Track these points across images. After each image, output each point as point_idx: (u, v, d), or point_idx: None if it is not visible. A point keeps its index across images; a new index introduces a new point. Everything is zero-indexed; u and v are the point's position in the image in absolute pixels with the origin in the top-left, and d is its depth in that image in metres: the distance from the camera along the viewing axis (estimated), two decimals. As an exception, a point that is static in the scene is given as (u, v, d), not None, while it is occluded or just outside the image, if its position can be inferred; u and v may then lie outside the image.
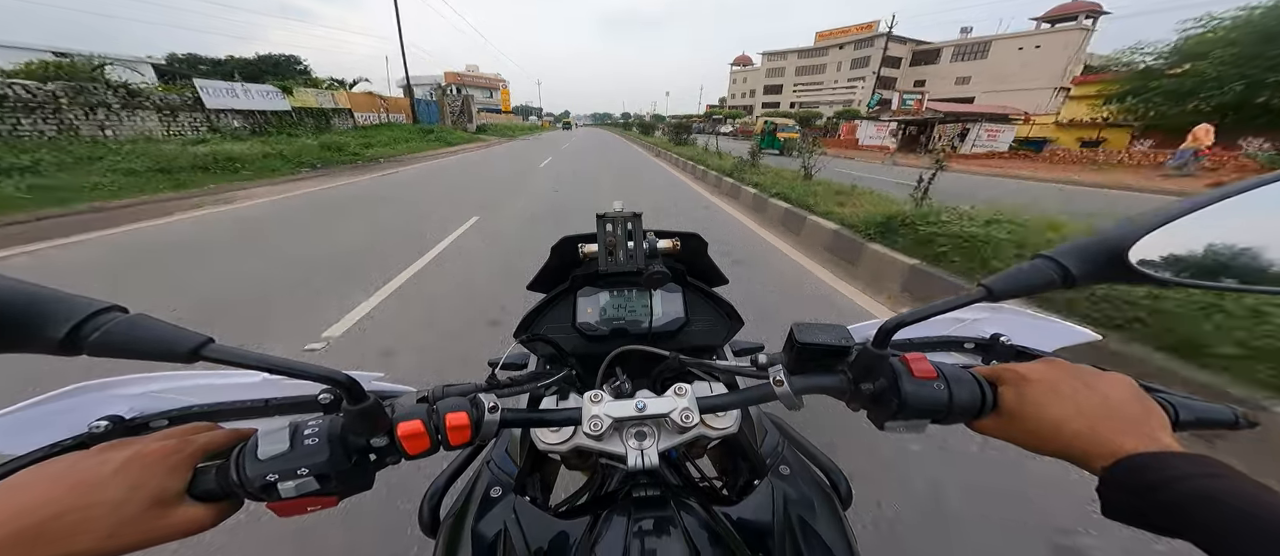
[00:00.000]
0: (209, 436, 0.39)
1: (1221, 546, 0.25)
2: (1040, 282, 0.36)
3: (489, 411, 0.41)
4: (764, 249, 4.98)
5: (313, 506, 0.38)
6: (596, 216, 0.70)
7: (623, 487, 0.56)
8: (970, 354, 0.60)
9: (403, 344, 2.74)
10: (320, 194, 8.35)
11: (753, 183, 7.71)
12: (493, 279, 3.87)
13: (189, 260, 4.32)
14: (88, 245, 4.82)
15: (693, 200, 8.19)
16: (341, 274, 3.90)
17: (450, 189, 9.19)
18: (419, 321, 3.04)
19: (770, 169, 8.96)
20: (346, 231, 5.47)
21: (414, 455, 0.39)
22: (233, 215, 6.45)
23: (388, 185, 9.69)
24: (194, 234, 5.40)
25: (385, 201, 7.68)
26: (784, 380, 0.43)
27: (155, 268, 4.12)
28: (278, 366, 0.33)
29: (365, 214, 6.55)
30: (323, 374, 0.35)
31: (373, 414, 0.37)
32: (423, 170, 12.90)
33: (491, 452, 0.68)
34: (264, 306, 3.26)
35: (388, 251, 4.58)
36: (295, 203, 7.45)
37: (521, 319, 0.81)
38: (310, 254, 4.54)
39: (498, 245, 5.01)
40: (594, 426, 0.44)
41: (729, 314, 0.84)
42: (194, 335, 0.31)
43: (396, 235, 5.31)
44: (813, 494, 0.58)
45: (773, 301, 3.43)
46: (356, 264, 4.19)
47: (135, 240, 5.07)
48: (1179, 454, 0.30)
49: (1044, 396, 0.37)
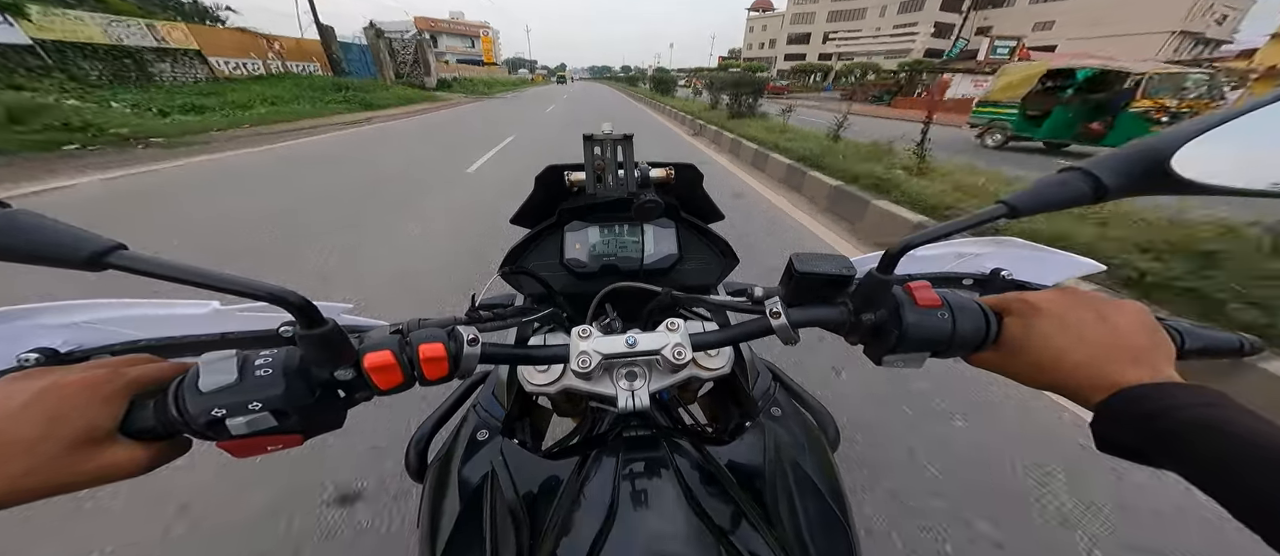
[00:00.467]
0: (146, 368, 0.34)
1: (1218, 476, 0.25)
2: (1068, 196, 0.33)
3: (468, 344, 0.38)
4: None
5: (273, 445, 0.34)
6: (583, 138, 0.63)
7: (613, 430, 0.55)
8: (969, 290, 0.58)
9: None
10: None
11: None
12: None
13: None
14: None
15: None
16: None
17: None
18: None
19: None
20: None
21: (386, 390, 0.36)
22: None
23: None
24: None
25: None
26: (781, 312, 0.41)
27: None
28: (202, 278, 0.27)
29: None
30: (264, 289, 0.29)
31: (334, 341, 0.33)
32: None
33: (479, 396, 0.64)
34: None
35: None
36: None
37: (505, 254, 0.78)
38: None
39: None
40: (582, 363, 0.42)
41: (723, 251, 0.83)
42: (97, 238, 0.26)
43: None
44: (803, 436, 0.57)
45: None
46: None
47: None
48: (1178, 384, 0.30)
49: (1051, 327, 0.36)
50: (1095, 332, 0.34)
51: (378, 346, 0.35)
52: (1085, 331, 0.35)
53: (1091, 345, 0.34)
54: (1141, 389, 0.30)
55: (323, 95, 14.26)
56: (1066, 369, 0.34)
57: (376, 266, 3.10)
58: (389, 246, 3.47)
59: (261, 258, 3.21)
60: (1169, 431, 0.27)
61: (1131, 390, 0.30)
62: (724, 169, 6.85)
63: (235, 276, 0.28)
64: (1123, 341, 0.34)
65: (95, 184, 5.06)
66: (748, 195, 5.30)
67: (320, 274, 2.96)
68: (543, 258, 0.80)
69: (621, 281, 0.56)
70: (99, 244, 0.26)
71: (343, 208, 4.46)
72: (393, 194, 5.05)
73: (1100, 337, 0.34)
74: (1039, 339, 0.36)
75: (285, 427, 0.33)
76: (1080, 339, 0.34)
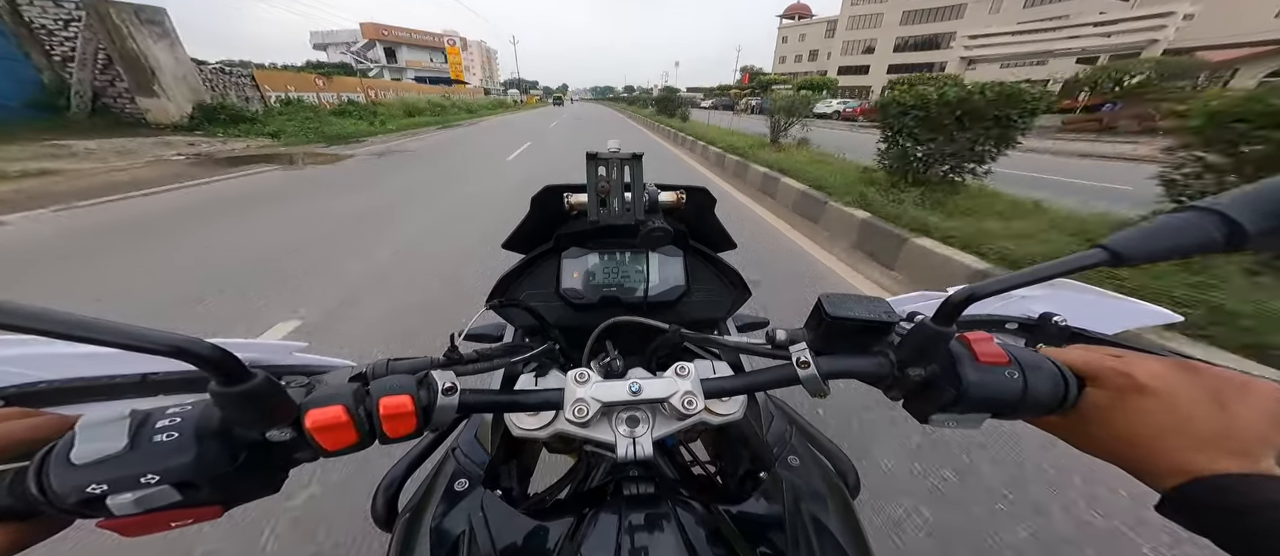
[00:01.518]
0: (9, 426, 0.28)
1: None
2: (1190, 242, 0.27)
3: (443, 394, 0.33)
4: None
5: (178, 521, 0.28)
6: (587, 156, 0.60)
7: (611, 478, 0.53)
8: (1013, 336, 0.54)
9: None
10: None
11: None
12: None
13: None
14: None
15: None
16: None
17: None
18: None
19: None
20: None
21: (335, 451, 0.30)
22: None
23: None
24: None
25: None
26: (810, 361, 0.37)
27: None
28: (84, 331, 0.21)
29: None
30: (164, 342, 0.23)
31: (263, 397, 0.27)
32: None
33: (458, 438, 0.59)
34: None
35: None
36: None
37: (495, 283, 0.72)
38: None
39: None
40: (578, 412, 0.38)
41: (735, 283, 0.78)
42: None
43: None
44: (823, 486, 0.52)
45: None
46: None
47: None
48: (1277, 478, 0.27)
49: (1153, 408, 0.30)
50: (1208, 423, 0.29)
51: (326, 401, 0.29)
52: (1197, 420, 0.29)
53: (1196, 434, 0.29)
54: (1228, 479, 0.27)
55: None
56: (1151, 451, 0.30)
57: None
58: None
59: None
60: (1254, 533, 0.25)
61: (1216, 479, 0.27)
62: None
63: (127, 327, 0.22)
64: (1234, 430, 0.29)
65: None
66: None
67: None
68: (537, 287, 0.75)
69: (623, 314, 0.50)
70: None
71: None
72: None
73: (1211, 428, 0.29)
74: (1131, 417, 0.31)
75: (194, 501, 0.28)
76: (1187, 426, 0.29)
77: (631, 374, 0.42)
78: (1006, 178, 5.19)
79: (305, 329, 2.36)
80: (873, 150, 4.98)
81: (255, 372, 0.26)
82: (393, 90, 25.91)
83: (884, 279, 3.22)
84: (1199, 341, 1.85)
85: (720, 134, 11.01)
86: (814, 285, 3.08)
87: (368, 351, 2.17)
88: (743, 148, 8.06)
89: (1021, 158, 8.69)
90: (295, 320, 2.44)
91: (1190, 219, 0.28)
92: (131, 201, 5.10)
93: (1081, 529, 1.30)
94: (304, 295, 2.73)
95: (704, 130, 12.55)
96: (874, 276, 3.25)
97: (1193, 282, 2.14)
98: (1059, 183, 7.47)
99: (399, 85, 30.73)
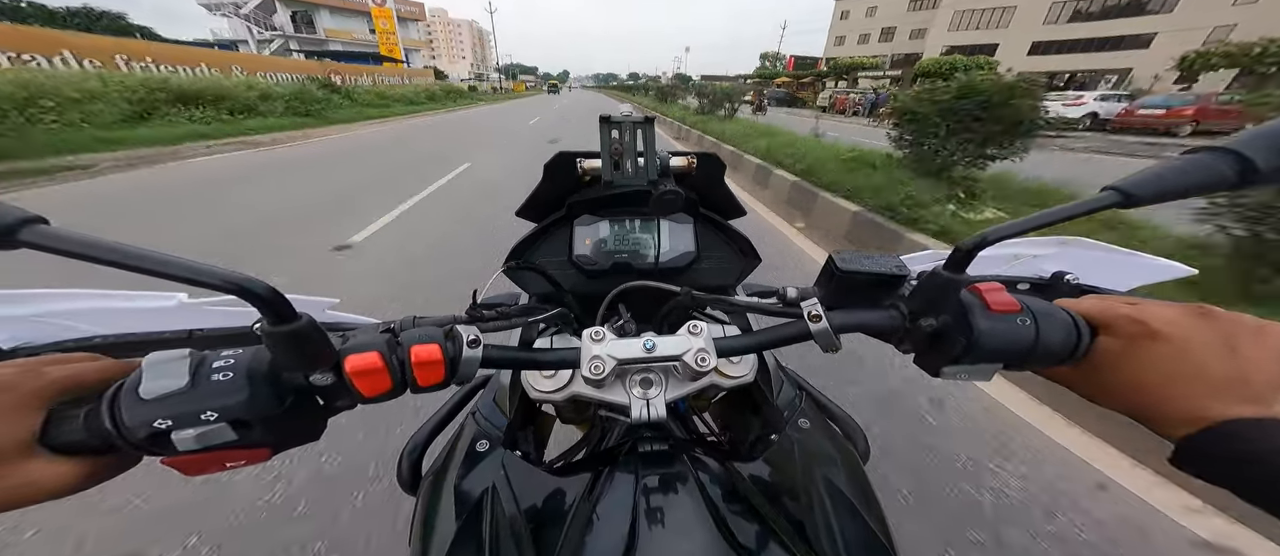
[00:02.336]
0: (77, 368, 0.30)
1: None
2: (1201, 181, 0.28)
3: (468, 346, 0.34)
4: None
5: (232, 461, 0.30)
6: (600, 120, 0.59)
7: (624, 442, 0.52)
8: (1025, 296, 0.50)
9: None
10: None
11: None
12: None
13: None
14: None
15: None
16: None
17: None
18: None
19: None
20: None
21: (372, 397, 0.32)
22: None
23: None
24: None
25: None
26: (821, 315, 0.37)
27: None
28: (143, 261, 0.23)
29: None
30: (220, 277, 0.25)
31: (308, 340, 0.29)
32: None
33: (478, 403, 0.61)
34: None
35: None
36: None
37: (510, 250, 0.73)
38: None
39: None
40: (594, 369, 0.38)
41: (744, 250, 0.79)
42: (9, 208, 0.22)
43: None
44: (833, 449, 0.54)
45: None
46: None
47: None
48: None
49: (1166, 354, 0.30)
50: (1220, 367, 0.29)
51: (363, 347, 0.31)
52: (1209, 364, 0.29)
53: (1208, 380, 0.29)
54: (1240, 423, 0.27)
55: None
56: (1160, 399, 0.30)
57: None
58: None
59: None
60: (1269, 479, 0.25)
61: (1229, 425, 0.27)
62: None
63: (187, 261, 0.24)
64: (1248, 374, 0.28)
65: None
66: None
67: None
68: (550, 254, 0.76)
69: (635, 280, 0.51)
70: (8, 215, 0.21)
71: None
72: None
73: (1224, 371, 0.29)
74: (1143, 364, 0.31)
75: (247, 441, 0.29)
76: (1199, 372, 0.29)
77: (645, 335, 0.42)
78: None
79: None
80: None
81: (301, 315, 0.28)
82: (244, 66, 16.61)
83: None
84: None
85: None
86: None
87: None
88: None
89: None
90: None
91: (1202, 159, 0.28)
92: None
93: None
94: None
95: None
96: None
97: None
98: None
99: (273, 62, 20.05)
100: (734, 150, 7.63)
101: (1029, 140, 3.96)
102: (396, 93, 23.62)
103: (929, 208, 3.61)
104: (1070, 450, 1.66)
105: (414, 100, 23.74)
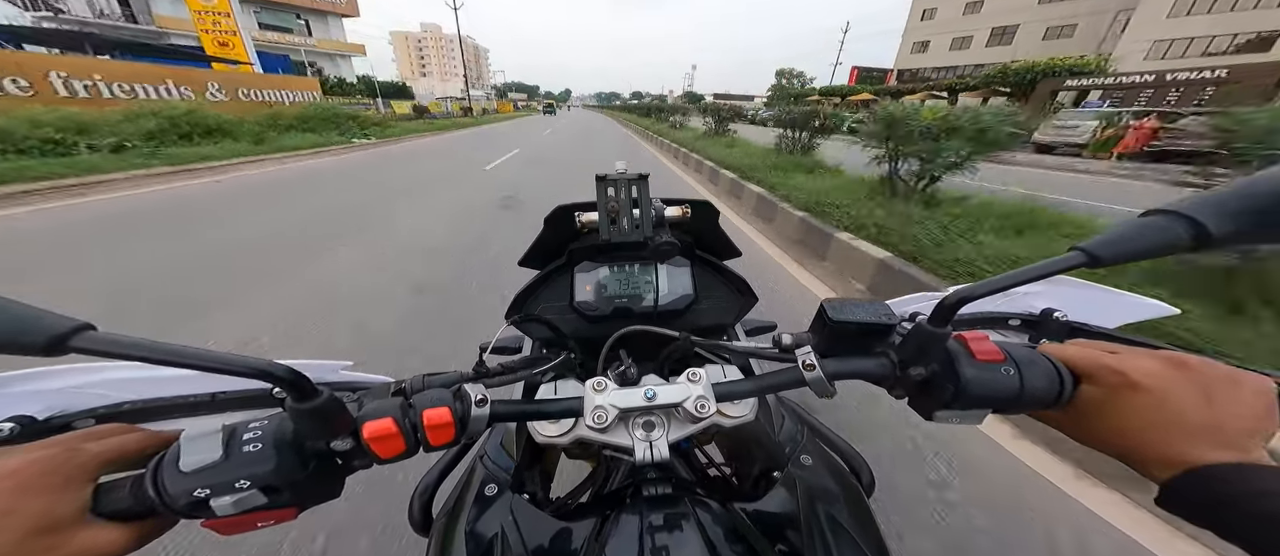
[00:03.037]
0: (114, 441, 0.33)
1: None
2: (1158, 243, 0.30)
3: (476, 405, 0.37)
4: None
5: (263, 521, 0.33)
6: (596, 179, 0.63)
7: (630, 481, 0.55)
8: (1016, 332, 0.56)
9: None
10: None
11: None
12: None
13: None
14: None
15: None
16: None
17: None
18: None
19: None
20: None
21: (387, 458, 0.34)
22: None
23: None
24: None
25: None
26: (815, 364, 0.39)
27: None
28: (181, 357, 0.26)
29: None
30: (248, 367, 0.28)
31: (329, 412, 0.32)
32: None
33: (485, 444, 0.63)
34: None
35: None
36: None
37: (513, 298, 0.76)
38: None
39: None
40: (598, 418, 0.41)
41: (741, 289, 0.81)
42: (59, 319, 0.24)
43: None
44: (837, 485, 0.54)
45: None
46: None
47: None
48: (1265, 467, 0.28)
49: (1145, 404, 0.32)
50: (1198, 416, 0.31)
51: (378, 414, 0.33)
52: (1187, 414, 0.31)
53: (1186, 427, 0.31)
54: (1217, 469, 0.28)
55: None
56: (1142, 444, 0.32)
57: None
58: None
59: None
60: (1244, 521, 0.26)
61: (1207, 470, 0.29)
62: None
63: (218, 354, 0.27)
64: (1223, 422, 0.30)
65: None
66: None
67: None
68: (552, 300, 0.78)
69: (635, 324, 0.54)
70: (60, 325, 0.24)
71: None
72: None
73: (1201, 420, 0.31)
74: (1125, 412, 0.33)
75: (276, 503, 0.32)
76: (1178, 420, 0.31)
77: (645, 380, 0.44)
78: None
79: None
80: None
81: (322, 390, 0.31)
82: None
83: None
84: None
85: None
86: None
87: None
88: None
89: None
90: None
91: (1158, 222, 0.30)
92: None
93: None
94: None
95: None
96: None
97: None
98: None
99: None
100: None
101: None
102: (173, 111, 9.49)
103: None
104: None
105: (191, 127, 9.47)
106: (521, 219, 5.20)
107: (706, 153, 9.48)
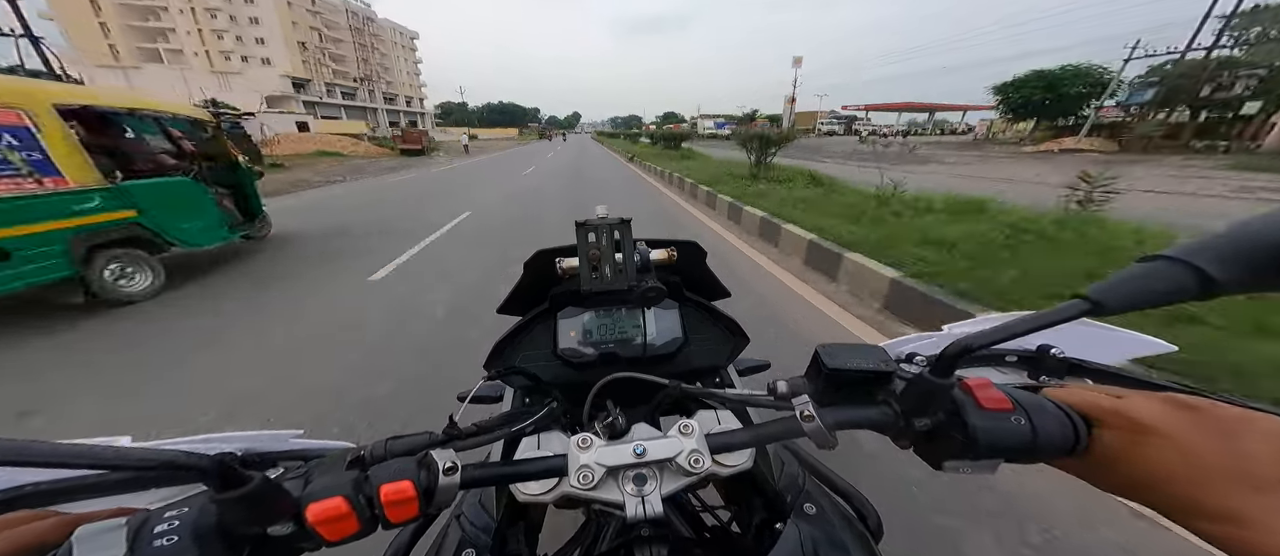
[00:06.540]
0: (11, 534, 0.27)
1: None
2: (1164, 291, 0.29)
3: (444, 473, 0.34)
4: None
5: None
6: (576, 225, 0.62)
7: (621, 540, 0.52)
8: (1012, 369, 0.54)
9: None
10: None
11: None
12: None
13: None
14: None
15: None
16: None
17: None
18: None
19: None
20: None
21: (337, 541, 0.30)
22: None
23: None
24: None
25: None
26: (814, 415, 0.37)
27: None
28: (79, 457, 0.23)
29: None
30: (161, 461, 0.25)
31: (262, 497, 0.28)
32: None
33: (462, 504, 0.58)
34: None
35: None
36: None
37: (493, 347, 0.74)
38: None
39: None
40: (583, 478, 0.38)
41: (732, 330, 0.79)
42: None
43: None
44: (844, 532, 0.52)
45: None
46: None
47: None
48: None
49: (1162, 449, 0.31)
50: (1219, 459, 0.29)
51: (325, 492, 0.30)
52: (1207, 458, 0.29)
53: (1212, 473, 0.29)
54: (1246, 511, 0.27)
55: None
56: (1169, 491, 0.30)
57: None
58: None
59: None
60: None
61: (1235, 514, 0.27)
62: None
63: (116, 450, 0.24)
64: (1250, 467, 0.29)
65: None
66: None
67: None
68: (534, 348, 0.75)
69: (623, 370, 0.51)
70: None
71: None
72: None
73: (1224, 465, 0.29)
74: (1143, 460, 0.31)
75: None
76: (1199, 465, 0.29)
77: (635, 431, 0.42)
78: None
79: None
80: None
81: (251, 476, 0.27)
82: None
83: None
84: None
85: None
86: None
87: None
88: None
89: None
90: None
91: (1161, 268, 0.29)
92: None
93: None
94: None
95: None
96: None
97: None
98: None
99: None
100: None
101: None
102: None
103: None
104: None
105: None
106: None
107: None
